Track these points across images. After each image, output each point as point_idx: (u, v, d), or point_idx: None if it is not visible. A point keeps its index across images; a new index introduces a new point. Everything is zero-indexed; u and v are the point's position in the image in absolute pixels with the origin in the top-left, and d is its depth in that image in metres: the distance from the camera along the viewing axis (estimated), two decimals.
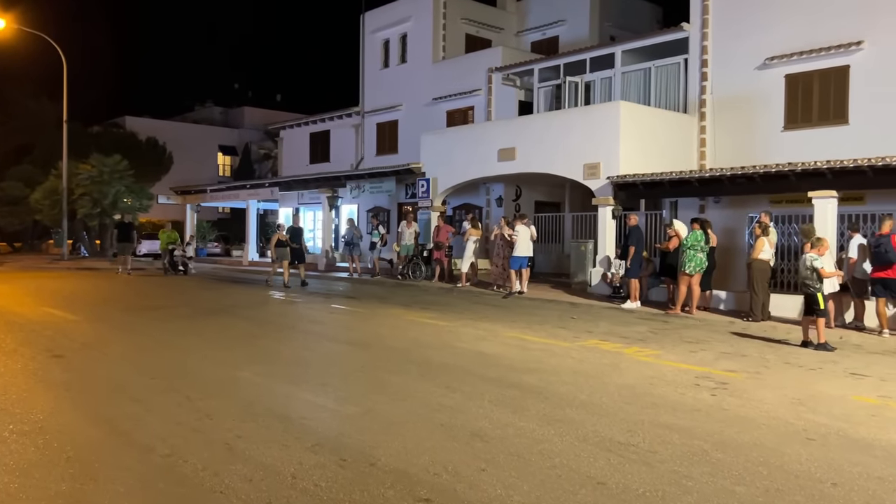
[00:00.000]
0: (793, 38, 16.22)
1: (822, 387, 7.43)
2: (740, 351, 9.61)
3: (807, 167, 13.04)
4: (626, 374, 7.76)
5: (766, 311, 12.76)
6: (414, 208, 23.18)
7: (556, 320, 12.39)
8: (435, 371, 7.72)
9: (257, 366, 7.94)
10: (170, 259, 22.42)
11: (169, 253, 22.51)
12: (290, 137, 32.98)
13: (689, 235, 13.60)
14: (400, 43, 27.01)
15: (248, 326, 11.15)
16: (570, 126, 17.40)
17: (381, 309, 13.58)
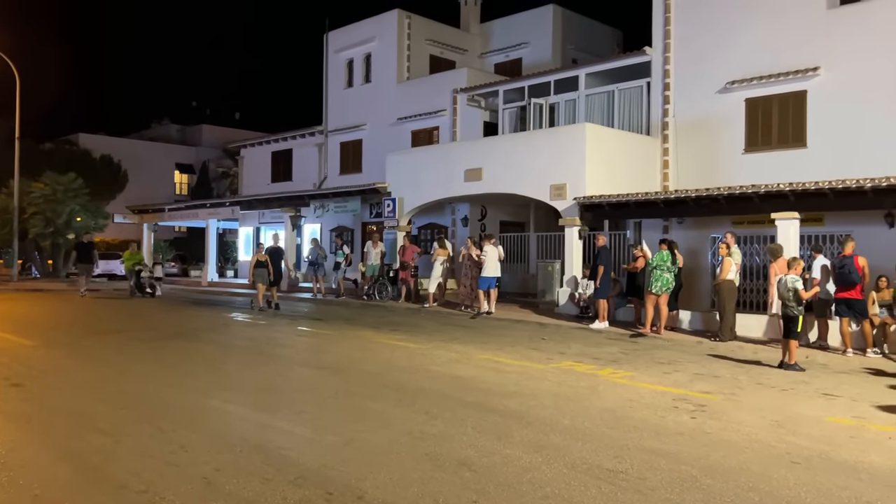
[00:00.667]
0: (753, 63, 16.61)
1: (798, 408, 7.49)
2: (713, 372, 9.67)
3: (770, 189, 13.30)
4: (605, 397, 7.72)
5: (734, 332, 12.91)
6: (379, 228, 23.05)
7: (527, 341, 12.34)
8: (413, 396, 7.57)
9: (227, 393, 7.69)
10: (137, 281, 21.48)
11: (136, 274, 21.56)
12: (251, 156, 32.57)
13: (655, 256, 13.74)
14: (364, 63, 26.96)
15: (214, 351, 10.84)
16: (537, 147, 17.50)
17: (349, 331, 13.37)
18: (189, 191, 48.60)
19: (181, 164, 49.60)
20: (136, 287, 21.44)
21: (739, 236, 16.21)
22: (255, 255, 18.05)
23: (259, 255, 17.70)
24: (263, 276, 17.33)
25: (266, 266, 17.37)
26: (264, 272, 17.36)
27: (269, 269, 17.41)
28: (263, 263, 17.38)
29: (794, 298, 10.11)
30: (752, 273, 15.91)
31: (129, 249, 22.93)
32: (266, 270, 17.37)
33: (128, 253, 22.87)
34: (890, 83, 14.86)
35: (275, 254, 18.26)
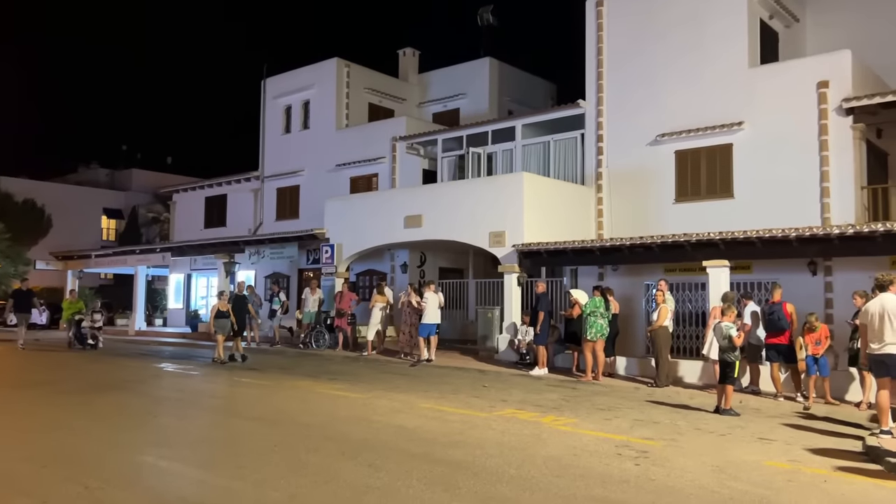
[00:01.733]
0: (681, 117, 17.34)
1: (736, 453, 7.63)
2: (652, 418, 9.79)
3: (701, 238, 13.77)
4: (549, 445, 7.70)
5: (670, 377, 13.16)
6: (317, 274, 22.76)
7: (468, 389, 12.28)
8: (355, 448, 7.39)
9: (161, 448, 7.35)
10: (76, 331, 20.08)
11: (76, 324, 20.14)
12: (183, 201, 31.91)
13: (588, 302, 13.97)
14: (302, 109, 26.96)
15: (145, 403, 10.39)
16: (477, 195, 17.72)
17: (286, 381, 13.03)
18: (117, 236, 47.06)
19: (109, 209, 48.06)
20: (76, 338, 20.05)
21: (672, 283, 16.70)
22: (217, 303, 16.60)
23: (221, 304, 16.41)
24: (225, 326, 16.09)
25: (228, 315, 16.18)
26: (226, 322, 16.12)
27: (231, 318, 16.22)
28: (225, 313, 16.17)
29: (729, 345, 10.40)
30: (686, 319, 16.34)
31: (68, 297, 21.56)
32: (228, 320, 16.15)
33: (66, 301, 21.58)
34: (803, 137, 15.70)
35: (239, 302, 17.07)
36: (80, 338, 19.95)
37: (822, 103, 15.40)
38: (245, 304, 17.28)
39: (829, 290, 15.09)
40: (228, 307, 16.32)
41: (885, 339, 8.30)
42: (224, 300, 16.58)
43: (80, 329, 19.99)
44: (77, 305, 20.86)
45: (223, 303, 16.43)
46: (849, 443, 8.30)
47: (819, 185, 15.40)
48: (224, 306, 16.28)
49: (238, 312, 16.64)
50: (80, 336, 19.94)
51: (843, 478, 6.63)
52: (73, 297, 21.65)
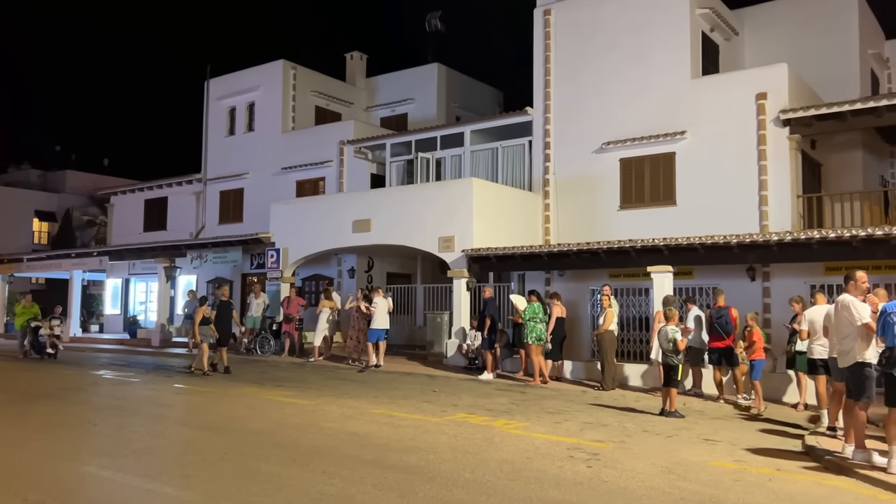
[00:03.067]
0: (626, 126, 17.69)
1: (684, 454, 7.79)
2: (600, 420, 9.92)
3: (646, 244, 14.06)
4: (502, 449, 7.72)
5: (615, 381, 13.38)
6: (261, 279, 22.37)
7: (418, 394, 12.23)
8: (307, 455, 7.27)
9: (104, 458, 7.09)
10: (33, 339, 18.42)
11: (32, 332, 18.47)
12: (121, 204, 30.99)
13: (527, 309, 14.12)
14: (247, 111, 26.50)
15: (84, 412, 10.02)
16: (426, 200, 17.72)
17: (231, 388, 12.75)
18: (50, 240, 45.40)
19: (41, 212, 46.31)
20: (32, 347, 18.44)
21: (616, 288, 17.02)
22: (200, 309, 15.26)
23: (205, 310, 15.12)
24: (210, 334, 14.99)
25: (211, 323, 15.03)
26: (207, 330, 15.00)
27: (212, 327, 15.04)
28: (209, 320, 15.01)
29: (673, 349, 10.64)
30: (630, 324, 16.65)
31: (22, 302, 19.65)
32: (209, 328, 15.01)
33: (20, 306, 19.59)
34: (742, 146, 16.21)
35: (224, 309, 15.66)
36: (37, 346, 18.43)
37: (760, 114, 15.93)
38: (230, 311, 15.93)
39: (766, 295, 15.60)
40: (212, 315, 15.19)
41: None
42: (205, 306, 15.36)
43: (37, 337, 18.42)
44: (32, 311, 19.17)
45: (205, 308, 15.23)
46: (790, 443, 8.57)
47: (758, 194, 15.91)
48: (209, 313, 15.13)
49: (223, 320, 15.39)
50: (38, 345, 18.41)
51: (787, 476, 6.84)
52: (28, 301, 19.74)
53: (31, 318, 18.82)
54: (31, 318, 18.85)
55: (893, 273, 13.24)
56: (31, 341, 18.51)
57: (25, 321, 18.80)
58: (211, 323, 15.03)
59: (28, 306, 19.26)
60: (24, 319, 18.85)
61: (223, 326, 15.32)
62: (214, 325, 15.09)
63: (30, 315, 18.95)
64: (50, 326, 18.61)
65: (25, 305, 19.35)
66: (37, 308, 19.39)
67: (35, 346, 18.42)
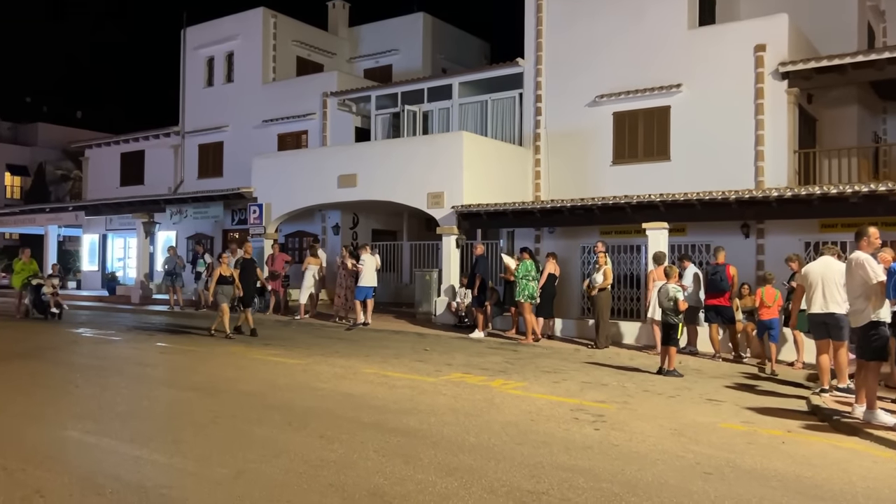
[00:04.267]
0: (620, 78, 17.20)
1: (690, 414, 7.58)
2: (599, 380, 9.70)
3: (642, 200, 13.74)
4: (504, 411, 7.46)
5: (609, 339, 13.18)
6: (242, 235, 21.85)
7: (410, 353, 11.95)
8: (302, 418, 6.95)
9: (87, 422, 6.72)
10: (35, 298, 17.24)
11: (34, 290, 17.24)
12: (97, 157, 30.05)
13: (520, 266, 13.82)
14: (226, 61, 25.58)
15: (65, 372, 9.60)
16: (414, 154, 17.21)
17: (217, 346, 12.37)
18: (22, 194, 44.26)
19: (13, 166, 45.02)
20: (34, 306, 17.29)
21: (608, 246, 16.72)
22: (218, 267, 14.15)
23: (223, 269, 13.86)
24: (229, 293, 13.80)
25: (232, 282, 13.87)
26: (230, 290, 13.83)
27: (236, 285, 13.93)
28: (229, 279, 13.83)
29: (673, 307, 10.39)
30: (622, 281, 16.41)
31: (21, 257, 18.06)
32: (232, 287, 13.85)
33: (19, 263, 17.96)
34: (739, 100, 15.83)
35: (247, 267, 14.54)
36: (39, 306, 17.23)
37: (758, 67, 15.51)
38: (254, 269, 14.82)
39: (760, 252, 15.41)
40: (233, 272, 13.96)
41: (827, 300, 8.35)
42: (224, 264, 14.03)
43: (39, 295, 17.20)
44: (32, 267, 17.81)
45: (225, 266, 13.96)
46: (793, 402, 8.40)
47: (754, 149, 15.59)
48: (227, 270, 13.86)
49: (247, 279, 14.27)
50: (41, 304, 17.19)
51: (800, 439, 6.64)
52: (27, 257, 18.13)
53: (31, 276, 17.58)
54: (30, 275, 17.60)
55: (892, 230, 13.04)
56: (32, 300, 17.36)
57: (25, 279, 17.56)
58: (234, 282, 13.91)
59: (27, 263, 17.90)
60: (24, 277, 17.58)
61: (247, 285, 14.27)
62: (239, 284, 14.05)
63: (29, 272, 17.67)
64: (53, 285, 17.41)
65: (24, 262, 17.93)
66: (35, 265, 18.17)
67: (38, 306, 17.28)
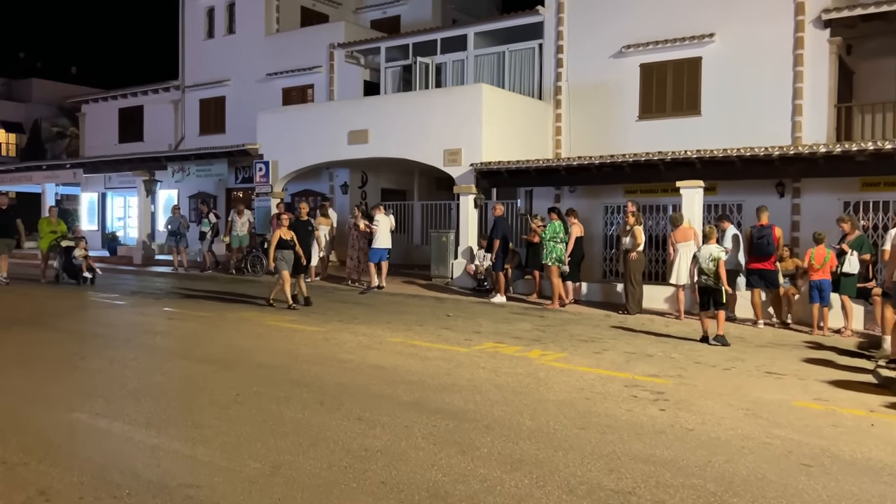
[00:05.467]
0: (648, 28, 16.24)
1: (755, 391, 6.92)
2: (643, 350, 9.04)
3: (676, 156, 12.93)
4: (553, 388, 6.79)
5: (640, 304, 12.51)
6: (246, 195, 21.08)
7: (433, 319, 11.28)
8: (335, 396, 6.28)
9: (96, 401, 6.04)
10: (67, 261, 15.90)
11: (64, 252, 15.92)
12: (94, 113, 29.02)
13: (548, 227, 13.12)
14: (227, 11, 24.43)
15: (69, 342, 8.91)
16: (430, 108, 16.33)
17: (229, 312, 11.68)
18: (18, 152, 43.24)
19: (8, 123, 43.95)
20: (65, 271, 15.97)
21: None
22: (277, 230, 12.47)
23: (283, 231, 12.29)
24: (290, 259, 12.22)
25: (293, 245, 12.29)
26: (291, 255, 12.23)
27: (296, 250, 12.38)
28: (290, 242, 12.25)
29: (715, 270, 9.69)
30: (650, 243, 15.64)
31: (47, 216, 16.56)
32: (293, 252, 12.28)
33: (45, 221, 16.63)
34: (777, 52, 14.92)
35: (301, 229, 13.00)
36: (70, 270, 15.88)
37: (798, 14, 14.58)
38: (310, 231, 13.52)
39: (796, 212, 14.69)
40: (292, 235, 12.39)
41: None
42: (284, 226, 12.39)
43: (70, 259, 15.86)
44: (60, 228, 16.47)
45: (286, 229, 12.33)
46: (857, 375, 7.75)
47: (791, 103, 14.75)
48: (288, 234, 12.27)
49: (301, 243, 12.62)
50: (72, 268, 15.84)
51: (890, 420, 5.99)
52: (54, 216, 16.76)
53: (59, 237, 16.17)
54: (59, 236, 16.21)
55: None
56: (62, 264, 16.03)
57: (53, 240, 16.17)
58: (293, 246, 12.27)
59: (55, 223, 16.54)
60: (52, 239, 16.19)
61: (303, 249, 12.68)
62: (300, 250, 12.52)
63: (59, 233, 16.30)
64: (85, 247, 16.14)
65: (53, 221, 16.57)
66: (64, 225, 16.87)
67: (69, 270, 15.91)
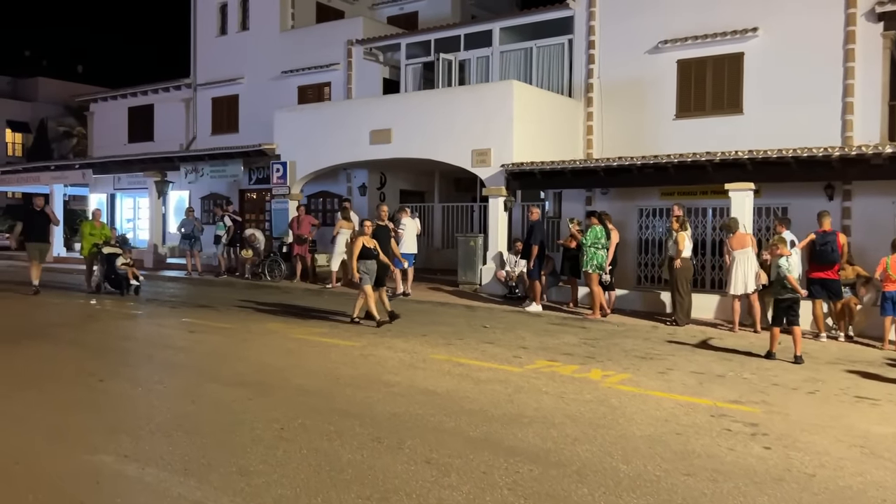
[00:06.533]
0: (686, 22, 15.47)
1: (858, 421, 6.15)
2: (709, 369, 8.28)
3: (726, 157, 12.17)
4: (633, 419, 6.03)
5: (689, 315, 11.74)
6: (261, 196, 20.39)
7: (470, 331, 10.53)
8: (391, 430, 5.53)
9: (122, 438, 5.28)
10: (110, 269, 14.24)
11: (106, 260, 14.30)
12: (103, 112, 28.31)
13: (589, 232, 12.39)
14: (240, 7, 23.70)
15: (84, 359, 8.17)
16: (457, 106, 15.58)
17: (253, 323, 10.95)
18: (24, 152, 42.66)
19: (14, 122, 43.38)
20: (108, 279, 14.43)
21: (667, 209, 15.26)
22: (360, 237, 10.86)
23: (366, 239, 10.76)
24: (373, 270, 10.72)
25: (377, 255, 10.80)
26: (374, 265, 10.73)
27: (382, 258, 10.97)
28: (373, 252, 10.76)
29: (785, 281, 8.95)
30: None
31: (91, 218, 15.22)
32: (376, 262, 10.78)
33: (88, 225, 15.12)
34: (826, 47, 14.15)
35: (382, 235, 11.54)
36: (115, 279, 14.34)
37: (849, 7, 13.79)
38: (390, 238, 12.07)
39: (846, 216, 13.88)
40: (375, 243, 10.91)
41: None
42: (367, 233, 10.88)
43: (113, 266, 14.28)
44: (104, 232, 14.99)
45: (368, 237, 10.82)
46: None
47: (841, 101, 13.96)
48: (370, 242, 10.79)
49: (384, 249, 11.22)
50: (116, 277, 14.30)
51: None
52: (98, 219, 15.33)
53: (101, 243, 14.67)
54: (103, 241, 14.73)
55: None
56: (104, 272, 14.46)
57: (94, 246, 14.67)
58: (377, 256, 10.76)
59: (98, 226, 15.13)
60: (93, 243, 14.71)
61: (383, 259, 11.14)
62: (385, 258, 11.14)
63: (100, 238, 14.78)
64: (129, 255, 14.69)
65: (95, 225, 15.14)
66: (108, 229, 15.46)
67: (112, 279, 14.39)
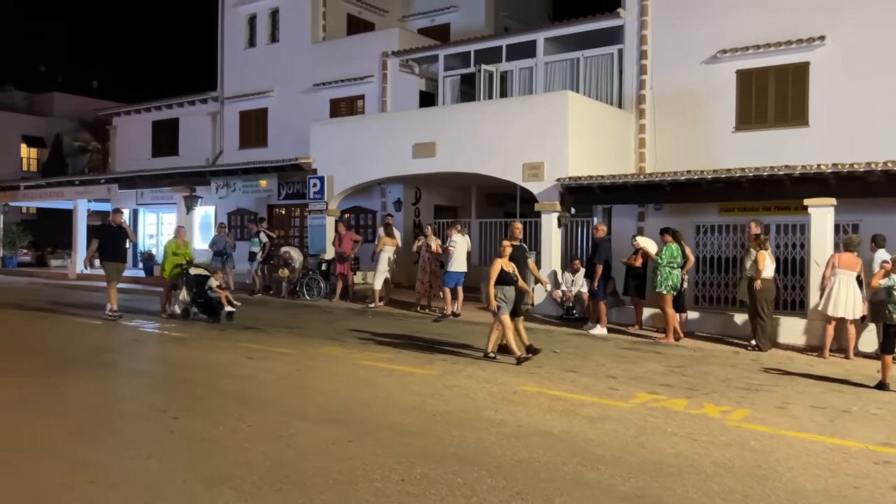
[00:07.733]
0: (746, 31, 14.84)
1: None
2: (827, 402, 7.53)
3: (806, 171, 11.45)
4: (794, 469, 5.27)
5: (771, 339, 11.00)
6: (289, 211, 19.76)
7: (543, 357, 9.76)
8: (526, 483, 4.79)
9: (226, 493, 4.55)
10: (199, 293, 12.78)
11: (195, 283, 12.84)
12: (125, 126, 27.80)
13: (664, 251, 11.68)
14: (270, 19, 23.20)
15: (147, 392, 7.47)
16: (505, 119, 14.92)
17: (310, 347, 10.23)
18: (39, 167, 42.22)
19: (29, 137, 42.98)
20: (198, 305, 12.95)
21: (727, 225, 14.69)
22: (499, 259, 9.36)
23: (504, 262, 9.32)
24: (512, 298, 9.24)
25: (515, 281, 9.32)
26: (512, 291, 9.26)
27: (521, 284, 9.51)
28: (512, 277, 9.30)
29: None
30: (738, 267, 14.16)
31: (176, 237, 13.93)
32: (514, 289, 9.28)
33: (172, 244, 13.70)
34: None
35: (519, 257, 10.32)
36: (204, 304, 12.87)
37: None
38: (526, 259, 11.01)
39: None
40: (514, 267, 9.49)
41: None
42: (505, 254, 9.40)
43: (204, 290, 12.77)
44: (187, 252, 13.61)
45: (506, 260, 9.36)
46: None
47: None
48: (509, 265, 9.36)
49: (521, 273, 9.89)
50: (206, 301, 12.82)
51: None
52: (182, 238, 13.93)
53: (188, 264, 13.26)
54: (187, 262, 13.31)
55: None
56: (192, 297, 12.92)
57: (178, 267, 13.21)
58: (515, 282, 9.31)
59: (183, 246, 13.69)
60: (176, 264, 13.28)
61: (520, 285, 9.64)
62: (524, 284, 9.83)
63: (184, 258, 13.38)
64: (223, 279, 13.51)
65: (179, 244, 13.70)
66: (189, 250, 14.00)
67: (204, 305, 12.89)
